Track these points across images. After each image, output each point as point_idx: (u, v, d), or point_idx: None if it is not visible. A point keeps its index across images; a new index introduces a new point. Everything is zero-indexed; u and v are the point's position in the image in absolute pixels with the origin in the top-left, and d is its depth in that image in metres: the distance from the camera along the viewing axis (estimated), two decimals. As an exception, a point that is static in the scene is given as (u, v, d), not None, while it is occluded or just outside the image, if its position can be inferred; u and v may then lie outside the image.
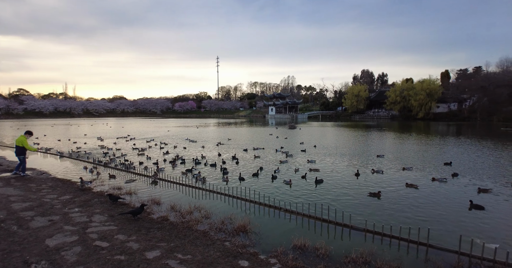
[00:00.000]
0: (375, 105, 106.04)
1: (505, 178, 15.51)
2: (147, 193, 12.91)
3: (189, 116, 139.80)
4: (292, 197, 12.37)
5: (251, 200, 11.57)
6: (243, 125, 71.13)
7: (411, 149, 26.42)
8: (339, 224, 9.35)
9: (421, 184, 14.24)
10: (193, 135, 40.91)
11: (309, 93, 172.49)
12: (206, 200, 11.93)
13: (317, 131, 48.06)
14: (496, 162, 19.87)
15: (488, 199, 12.09)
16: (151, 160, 21.35)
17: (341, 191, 13.23)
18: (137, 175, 16.41)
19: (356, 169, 17.11)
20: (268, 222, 9.61)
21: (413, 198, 12.19)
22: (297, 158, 21.67)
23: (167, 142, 32.77)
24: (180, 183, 14.22)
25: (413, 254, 7.68)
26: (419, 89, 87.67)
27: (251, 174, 16.30)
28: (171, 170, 17.60)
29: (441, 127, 58.83)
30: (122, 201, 11.31)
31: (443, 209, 10.98)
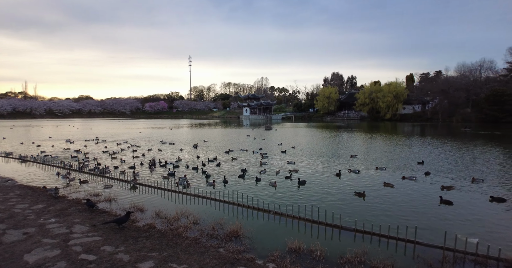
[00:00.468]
0: (345, 107, 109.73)
1: (467, 175, 16.69)
2: (128, 199, 12.31)
3: (160, 117, 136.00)
4: (279, 198, 12.40)
5: (239, 203, 11.43)
6: (217, 126, 70.41)
7: (382, 149, 27.62)
8: (329, 225, 9.50)
9: (396, 183, 14.93)
10: (167, 137, 39.80)
11: (282, 95, 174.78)
12: (192, 205, 11.60)
13: (293, 133, 48.79)
14: (460, 160, 21.31)
15: (453, 194, 12.94)
16: (126, 163, 20.46)
17: (325, 191, 13.48)
18: (114, 180, 15.61)
19: (338, 170, 17.55)
20: (259, 226, 9.53)
21: (392, 197, 12.71)
22: (277, 159, 21.80)
23: (140, 144, 31.57)
24: (163, 188, 13.72)
25: (401, 251, 7.98)
26: (387, 91, 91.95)
27: (237, 176, 16.27)
28: (149, 174, 16.96)
29: (407, 128, 62.09)
30: (102, 208, 10.68)
31: (419, 205, 11.59)
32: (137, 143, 32.28)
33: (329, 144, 31.95)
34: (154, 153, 25.17)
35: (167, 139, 36.71)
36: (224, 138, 39.59)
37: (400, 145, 31.05)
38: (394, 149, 27.66)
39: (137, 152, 25.89)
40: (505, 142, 33.06)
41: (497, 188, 14.08)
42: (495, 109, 68.62)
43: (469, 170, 18.13)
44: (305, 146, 29.73)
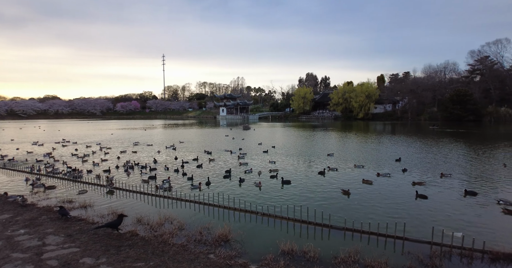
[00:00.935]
0: (320, 107, 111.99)
1: (437, 170, 17.45)
2: (105, 205, 11.54)
3: (133, 118, 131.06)
4: (265, 199, 12.19)
5: (225, 206, 11.09)
6: (193, 126, 69.01)
7: (357, 148, 28.32)
8: (319, 225, 9.43)
9: (373, 180, 15.27)
10: (142, 138, 38.32)
11: (258, 95, 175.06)
12: (176, 209, 11.10)
13: (271, 132, 48.91)
14: (429, 156, 22.29)
15: (426, 189, 13.46)
16: (99, 166, 19.37)
17: (310, 190, 13.46)
18: (88, 184, 14.65)
19: (323, 168, 17.67)
20: (248, 228, 9.26)
21: (372, 193, 12.96)
22: (259, 159, 21.61)
23: (112, 146, 30.09)
24: (143, 192, 13.04)
25: (391, 248, 8.06)
26: (359, 91, 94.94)
27: (222, 177, 16.00)
28: (126, 178, 16.11)
29: (379, 126, 64.45)
30: (77, 216, 9.90)
31: (398, 201, 11.91)
32: (109, 145, 30.75)
33: (307, 143, 32.29)
34: (129, 155, 24.06)
35: (142, 140, 35.34)
36: (201, 138, 38.79)
37: (375, 143, 32.02)
38: (369, 147, 28.45)
39: (110, 154, 24.63)
40: (468, 139, 35.15)
41: (464, 182, 14.82)
42: (459, 109, 72.90)
43: (438, 166, 19.00)
44: (285, 145, 29.82)
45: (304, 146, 29.62)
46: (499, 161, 20.50)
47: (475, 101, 73.32)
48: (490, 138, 37.26)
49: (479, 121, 71.48)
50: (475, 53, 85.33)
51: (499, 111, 71.63)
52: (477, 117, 72.42)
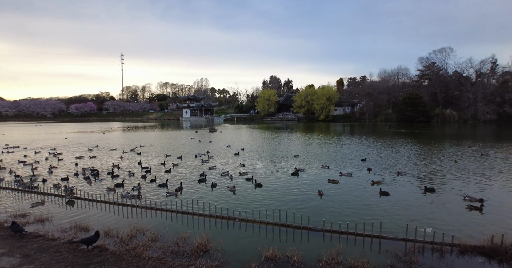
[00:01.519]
0: (284, 109, 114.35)
1: (395, 168, 18.55)
2: (66, 217, 10.47)
3: (89, 120, 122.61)
4: (240, 204, 11.94)
5: (201, 213, 10.64)
6: (155, 129, 66.17)
7: (321, 148, 29.20)
8: (298, 227, 9.42)
9: (338, 179, 15.80)
10: (101, 142, 35.83)
11: (223, 96, 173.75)
12: (146, 219, 10.40)
13: (238, 134, 48.67)
14: (390, 156, 23.69)
15: (387, 187, 14.26)
16: (52, 173, 17.69)
17: (283, 192, 13.47)
18: (44, 195, 13.23)
19: (296, 169, 17.83)
20: (227, 236, 8.95)
21: (342, 193, 13.34)
22: (228, 163, 21.26)
23: (68, 151, 27.73)
24: (108, 201, 12.06)
25: (368, 247, 8.28)
26: (321, 94, 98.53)
27: (197, 180, 15.64)
28: (88, 186, 14.86)
29: (339, 127, 67.26)
30: (34, 232, 8.82)
31: (365, 199, 12.44)
32: (64, 150, 28.30)
33: (274, 145, 32.53)
34: (88, 161, 22.30)
35: (102, 144, 33.04)
36: (165, 141, 37.30)
37: (338, 144, 33.28)
38: (332, 148, 29.47)
39: (64, 160, 22.64)
40: (421, 139, 38.05)
41: (421, 179, 15.91)
42: (411, 110, 78.77)
43: (396, 164, 20.21)
44: (254, 148, 29.76)
45: (271, 148, 29.82)
46: (451, 158, 22.39)
47: (424, 104, 79.68)
48: (439, 137, 40.62)
49: (428, 122, 77.80)
50: (423, 59, 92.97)
51: (445, 113, 78.64)
52: (427, 119, 78.79)
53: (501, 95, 75.74)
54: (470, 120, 77.03)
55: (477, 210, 11.11)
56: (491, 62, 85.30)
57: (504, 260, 7.33)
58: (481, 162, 20.71)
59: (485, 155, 23.51)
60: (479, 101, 77.06)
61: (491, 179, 15.87)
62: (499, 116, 74.97)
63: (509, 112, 74.06)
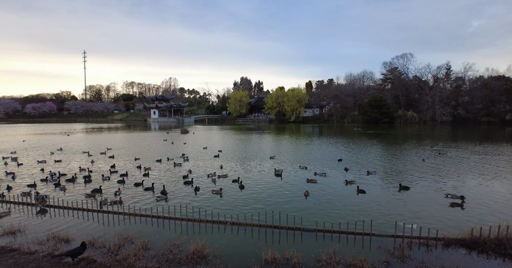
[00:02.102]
0: (255, 110, 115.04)
1: (364, 167, 19.40)
2: (40, 227, 9.61)
3: (48, 121, 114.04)
4: (228, 207, 11.75)
5: (190, 218, 10.30)
6: (122, 130, 63.09)
7: (296, 149, 29.77)
8: (291, 228, 9.47)
9: (317, 179, 16.26)
10: (64, 145, 33.43)
11: (192, 97, 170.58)
12: (132, 226, 9.87)
13: (211, 135, 48.00)
14: (356, 156, 24.76)
15: (365, 186, 14.95)
16: (15, 179, 16.21)
17: (269, 193, 13.50)
18: (9, 203, 12.03)
19: (278, 170, 18.05)
20: (221, 240, 8.75)
21: (320, 192, 13.67)
22: (207, 165, 20.89)
23: (27, 154, 25.54)
24: (86, 209, 11.25)
25: (360, 244, 8.53)
26: (291, 96, 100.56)
27: (183, 183, 15.26)
28: (59, 193, 13.78)
29: (309, 129, 68.92)
30: (6, 245, 7.97)
31: (345, 198, 12.88)
32: (23, 154, 26.03)
33: (250, 146, 32.50)
34: (54, 165, 20.71)
35: (66, 147, 30.84)
36: (134, 143, 35.68)
37: (311, 144, 34.09)
38: (306, 148, 30.13)
39: (26, 164, 20.83)
40: (388, 139, 40.22)
41: (391, 178, 16.80)
42: (376, 112, 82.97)
43: (365, 164, 21.17)
44: (230, 149, 29.51)
45: (247, 149, 29.76)
46: (418, 156, 23.89)
47: (388, 106, 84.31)
48: (404, 138, 43.15)
49: (391, 123, 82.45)
50: (387, 64, 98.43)
51: (406, 114, 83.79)
52: (390, 120, 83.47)
53: (455, 99, 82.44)
54: (429, 122, 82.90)
55: (459, 206, 11.78)
56: (445, 68, 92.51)
57: (484, 250, 7.93)
58: (446, 160, 22.30)
59: (442, 154, 25.39)
60: (436, 104, 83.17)
61: (462, 176, 17.13)
62: (454, 118, 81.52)
63: (462, 115, 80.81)
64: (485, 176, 17.03)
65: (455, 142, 36.02)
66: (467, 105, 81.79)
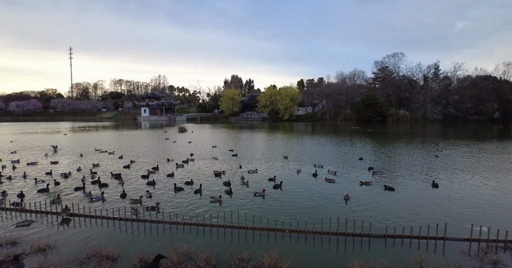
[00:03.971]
0: (248, 108, 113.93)
1: (388, 166, 19.04)
2: (71, 241, 8.43)
3: (33, 119, 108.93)
4: (276, 211, 10.83)
5: (242, 226, 9.30)
6: (114, 129, 60.32)
7: (306, 149, 29.03)
8: (358, 235, 8.69)
9: (335, 178, 15.71)
10: (63, 144, 31.42)
11: (182, 95, 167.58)
12: (175, 237, 8.83)
13: (212, 134, 46.67)
14: (365, 155, 24.34)
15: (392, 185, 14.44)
16: (28, 183, 14.73)
17: (306, 196, 12.67)
18: (26, 212, 10.70)
19: (315, 170, 17.45)
20: (292, 251, 7.80)
21: (363, 197, 13.06)
22: (228, 164, 19.88)
23: (25, 156, 23.77)
24: (119, 218, 10.06)
25: (431, 248, 7.85)
26: (284, 95, 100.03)
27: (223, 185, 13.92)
28: (82, 198, 12.50)
29: (304, 127, 68.43)
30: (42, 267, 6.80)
31: (378, 198, 12.24)
32: (19, 155, 24.22)
33: (258, 145, 31.50)
34: (65, 167, 19.18)
35: (68, 147, 28.98)
36: (137, 143, 34.00)
37: (320, 143, 33.46)
38: (317, 148, 29.42)
39: (18, 168, 19.22)
40: (390, 138, 40.14)
41: (420, 176, 16.32)
42: (369, 111, 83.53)
43: (388, 163, 20.77)
44: (241, 148, 28.39)
45: (257, 148, 28.72)
46: (430, 154, 23.79)
47: (381, 105, 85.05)
48: (406, 136, 42.87)
49: (384, 121, 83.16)
50: (378, 63, 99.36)
51: (399, 113, 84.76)
52: (383, 118, 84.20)
53: (446, 98, 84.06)
54: (420, 120, 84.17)
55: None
56: (434, 67, 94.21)
57: None
58: (464, 157, 22.10)
59: (440, 150, 25.88)
60: (428, 103, 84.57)
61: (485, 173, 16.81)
62: (445, 117, 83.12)
63: (453, 113, 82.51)
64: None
65: (460, 139, 36.23)
66: (457, 104, 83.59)
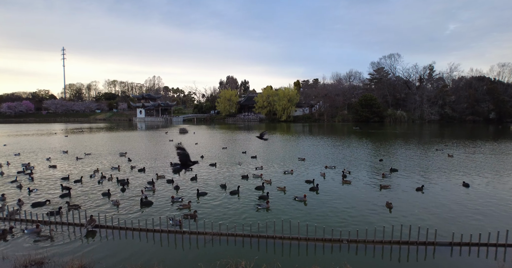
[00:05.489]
0: (245, 109, 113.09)
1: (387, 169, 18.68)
2: (106, 259, 7.53)
3: (25, 121, 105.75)
4: (323, 219, 10.12)
5: (294, 236, 8.52)
6: (111, 130, 58.35)
7: (320, 151, 28.46)
8: (422, 243, 8.05)
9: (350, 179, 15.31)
10: (65, 147, 30.08)
11: (177, 96, 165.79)
12: (219, 249, 8.05)
13: (214, 135, 45.67)
14: (376, 157, 23.91)
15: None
16: (33, 192, 13.71)
17: (345, 202, 12.03)
18: (46, 224, 9.76)
19: (346, 174, 16.92)
20: (362, 264, 7.12)
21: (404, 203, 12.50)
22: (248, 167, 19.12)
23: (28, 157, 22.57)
24: (153, 230, 9.17)
25: (500, 256, 7.28)
26: (282, 95, 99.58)
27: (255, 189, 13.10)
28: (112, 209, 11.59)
29: (300, 128, 67.78)
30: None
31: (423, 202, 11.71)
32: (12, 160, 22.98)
33: (266, 146, 30.68)
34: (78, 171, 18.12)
35: (73, 150, 27.67)
36: (139, 145, 32.82)
37: (333, 145, 32.93)
38: (331, 149, 28.89)
39: (26, 172, 18.10)
40: (396, 139, 39.77)
41: (450, 176, 15.89)
42: (366, 111, 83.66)
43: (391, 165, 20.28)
44: (251, 149, 27.49)
45: (267, 150, 27.94)
46: (443, 154, 23.66)
47: (378, 105, 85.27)
48: (411, 136, 42.66)
49: (382, 122, 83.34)
50: (375, 64, 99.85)
51: (396, 113, 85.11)
52: (380, 119, 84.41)
53: (442, 98, 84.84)
54: (418, 121, 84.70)
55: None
56: (429, 68, 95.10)
57: None
58: (473, 156, 21.80)
59: (439, 150, 25.88)
60: (425, 103, 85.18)
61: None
62: (441, 117, 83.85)
63: (449, 113, 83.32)
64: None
65: (466, 139, 36.14)
66: (454, 105, 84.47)
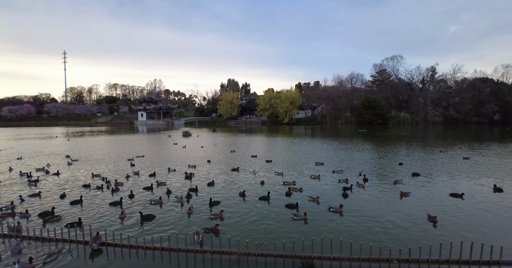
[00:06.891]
0: (246, 112, 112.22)
1: (408, 173, 17.57)
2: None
3: (26, 124, 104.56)
4: (361, 236, 9.02)
5: (336, 256, 7.41)
6: (112, 134, 56.97)
7: (341, 155, 27.38)
8: (485, 263, 6.95)
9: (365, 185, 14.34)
10: (71, 151, 29.00)
11: (178, 99, 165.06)
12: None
13: (218, 138, 44.52)
14: (385, 159, 22.84)
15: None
16: (40, 202, 12.60)
17: (377, 216, 10.91)
18: (45, 241, 8.66)
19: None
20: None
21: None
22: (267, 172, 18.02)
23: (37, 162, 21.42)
24: (167, 248, 8.07)
25: None
26: (284, 98, 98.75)
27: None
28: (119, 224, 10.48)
29: (304, 130, 66.76)
30: None
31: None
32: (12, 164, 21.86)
33: (276, 150, 29.59)
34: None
35: (80, 155, 26.56)
36: (143, 148, 31.62)
37: (345, 149, 31.88)
38: (348, 154, 27.81)
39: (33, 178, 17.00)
40: (406, 141, 38.69)
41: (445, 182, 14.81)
42: (370, 114, 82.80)
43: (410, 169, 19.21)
44: (260, 153, 26.25)
45: (279, 154, 26.75)
46: (459, 156, 22.67)
47: (382, 107, 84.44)
48: (421, 139, 41.53)
49: (385, 124, 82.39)
50: (377, 66, 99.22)
51: (399, 115, 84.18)
52: (384, 121, 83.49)
53: (446, 100, 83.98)
54: (421, 122, 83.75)
55: None
56: (431, 70, 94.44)
57: None
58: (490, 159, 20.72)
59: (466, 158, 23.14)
60: (428, 105, 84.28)
61: None
62: (445, 119, 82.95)
63: (453, 115, 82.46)
64: None
65: (474, 141, 35.09)
66: (457, 106, 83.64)
